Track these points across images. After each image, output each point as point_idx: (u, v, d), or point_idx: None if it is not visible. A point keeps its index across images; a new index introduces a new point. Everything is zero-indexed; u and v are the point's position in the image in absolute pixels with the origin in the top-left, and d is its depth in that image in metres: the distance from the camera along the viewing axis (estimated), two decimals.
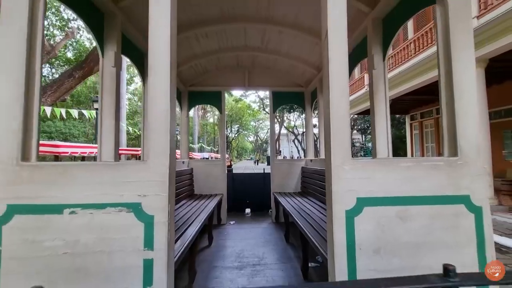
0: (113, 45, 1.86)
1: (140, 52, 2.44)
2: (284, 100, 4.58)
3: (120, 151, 9.18)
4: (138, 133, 14.85)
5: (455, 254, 1.13)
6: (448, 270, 0.67)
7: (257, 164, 37.21)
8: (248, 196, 4.97)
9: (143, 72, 2.43)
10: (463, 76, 1.25)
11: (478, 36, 6.73)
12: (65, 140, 14.15)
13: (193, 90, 4.21)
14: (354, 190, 1.16)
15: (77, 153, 5.65)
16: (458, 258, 1.12)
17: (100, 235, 1.06)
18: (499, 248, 5.02)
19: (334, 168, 1.18)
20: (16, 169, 1.09)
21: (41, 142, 5.83)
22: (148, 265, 1.07)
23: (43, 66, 1.75)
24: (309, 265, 2.64)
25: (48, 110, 7.22)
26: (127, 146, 13.72)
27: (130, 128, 13.51)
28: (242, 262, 2.79)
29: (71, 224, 1.06)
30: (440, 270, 0.67)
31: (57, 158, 5.53)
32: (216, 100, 4.17)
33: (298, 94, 4.55)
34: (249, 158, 64.82)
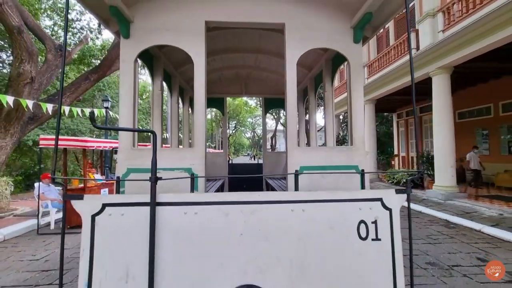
0: (159, 76, 2.89)
1: (169, 75, 3.48)
2: (274, 105, 5.65)
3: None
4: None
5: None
6: None
7: (254, 159, 38.25)
8: (245, 182, 6.04)
9: (171, 89, 3.50)
10: (356, 106, 2.29)
11: (444, 47, 7.81)
12: (73, 135, 15.09)
13: None
14: (298, 163, 2.22)
15: (100, 147, 6.70)
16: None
17: (172, 182, 2.11)
18: (449, 224, 6.16)
19: (289, 151, 2.26)
20: (130, 151, 2.13)
21: (73, 138, 6.82)
22: None
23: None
24: None
25: (67, 109, 8.20)
26: None
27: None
28: None
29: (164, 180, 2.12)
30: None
31: (84, 151, 6.58)
32: (219, 104, 5.23)
33: (284, 100, 5.61)
34: (246, 154, 65.77)
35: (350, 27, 2.29)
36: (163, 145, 3.66)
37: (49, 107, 7.57)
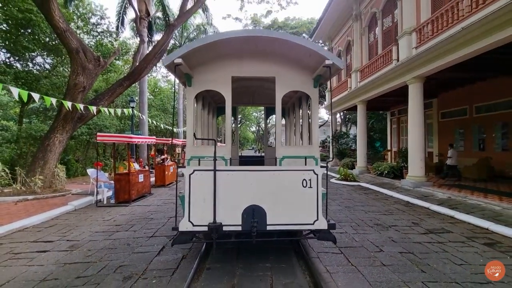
0: (200, 100, 4.75)
1: (203, 96, 5.33)
2: (273, 112, 7.46)
3: (158, 141, 11.95)
4: (157, 125, 17.54)
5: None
6: None
7: (258, 153, 40.05)
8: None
9: (204, 104, 5.38)
10: (315, 124, 4.07)
11: (417, 61, 9.36)
12: (100, 130, 17.09)
13: (220, 106, 7.14)
14: (282, 154, 3.99)
15: (138, 141, 8.63)
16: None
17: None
18: (408, 204, 7.88)
19: (277, 147, 4.06)
20: (192, 147, 3.91)
21: (118, 134, 8.73)
22: None
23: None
24: None
25: (106, 110, 10.09)
26: (148, 135, 16.72)
27: (154, 122, 16.22)
28: None
29: (207, 162, 3.95)
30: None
31: (128, 144, 8.50)
32: (233, 112, 7.10)
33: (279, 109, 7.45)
34: (251, 148, 67.58)
35: (312, 78, 4.06)
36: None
37: (94, 109, 9.48)
